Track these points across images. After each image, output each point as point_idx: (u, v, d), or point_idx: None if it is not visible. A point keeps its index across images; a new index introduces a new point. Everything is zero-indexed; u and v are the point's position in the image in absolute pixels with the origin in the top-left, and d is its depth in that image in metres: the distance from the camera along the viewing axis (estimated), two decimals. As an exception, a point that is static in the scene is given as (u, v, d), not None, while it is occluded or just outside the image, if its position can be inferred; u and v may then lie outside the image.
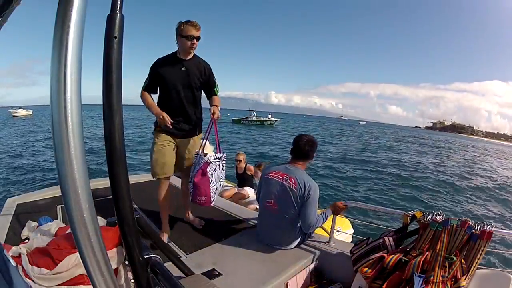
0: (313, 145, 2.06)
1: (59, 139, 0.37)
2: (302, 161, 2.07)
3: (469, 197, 9.50)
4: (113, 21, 0.48)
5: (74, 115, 0.37)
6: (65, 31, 0.36)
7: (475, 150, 38.89)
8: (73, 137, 0.38)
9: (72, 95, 0.37)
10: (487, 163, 21.37)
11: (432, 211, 1.58)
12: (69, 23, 0.36)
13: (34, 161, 10.41)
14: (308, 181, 1.95)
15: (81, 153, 0.39)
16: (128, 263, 0.72)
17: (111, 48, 0.49)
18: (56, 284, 1.14)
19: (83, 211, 0.40)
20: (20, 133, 20.45)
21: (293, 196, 1.94)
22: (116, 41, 0.49)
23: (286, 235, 2.00)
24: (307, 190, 1.92)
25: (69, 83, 0.37)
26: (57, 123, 0.37)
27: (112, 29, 0.48)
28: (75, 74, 0.37)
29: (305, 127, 48.95)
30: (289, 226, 1.98)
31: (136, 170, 8.92)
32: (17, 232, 2.13)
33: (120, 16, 0.49)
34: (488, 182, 12.73)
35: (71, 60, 0.37)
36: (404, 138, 45.51)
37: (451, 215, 1.62)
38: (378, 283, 1.51)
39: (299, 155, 2.06)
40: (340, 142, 26.89)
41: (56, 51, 0.36)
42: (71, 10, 0.36)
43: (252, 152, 15.44)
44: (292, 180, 1.96)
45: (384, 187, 9.81)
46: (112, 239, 1.17)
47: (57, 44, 0.36)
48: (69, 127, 0.37)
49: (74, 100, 0.37)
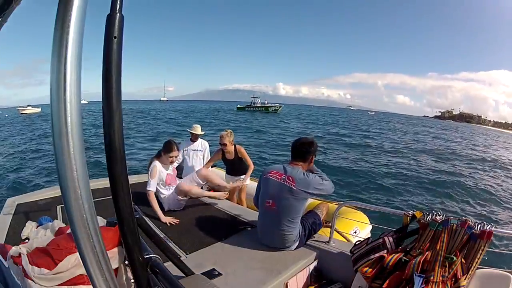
0: (310, 145, 2.08)
1: (59, 139, 0.37)
2: (301, 161, 2.08)
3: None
4: (113, 21, 0.48)
5: (74, 115, 0.38)
6: (65, 31, 0.36)
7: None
8: (73, 137, 0.38)
9: (72, 95, 0.37)
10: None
11: (432, 211, 1.58)
12: (69, 23, 0.36)
13: (34, 161, 10.41)
14: (307, 179, 1.96)
15: (81, 153, 0.39)
16: (128, 263, 0.72)
17: (111, 48, 0.49)
18: (56, 284, 1.14)
19: (83, 211, 0.40)
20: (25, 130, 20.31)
21: (292, 194, 1.93)
22: (116, 41, 0.49)
23: (286, 235, 1.99)
24: (307, 187, 1.93)
25: (69, 83, 0.37)
26: (57, 123, 0.37)
27: (112, 29, 0.48)
28: (75, 74, 0.37)
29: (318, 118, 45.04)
30: (288, 226, 1.98)
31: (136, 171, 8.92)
32: (17, 232, 2.13)
33: (120, 16, 0.49)
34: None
35: (71, 60, 0.37)
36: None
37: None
38: (378, 283, 1.51)
39: (297, 156, 2.08)
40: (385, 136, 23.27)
41: (56, 51, 0.37)
42: (71, 10, 0.36)
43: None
44: (290, 179, 1.96)
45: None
46: (112, 239, 1.17)
47: (57, 44, 0.36)
48: (69, 127, 0.37)
49: (74, 100, 0.38)
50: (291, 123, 30.83)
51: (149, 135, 16.76)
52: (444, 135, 31.67)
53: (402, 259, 1.49)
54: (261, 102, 50.37)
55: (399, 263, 1.49)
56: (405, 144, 18.13)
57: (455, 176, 9.89)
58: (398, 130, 31.49)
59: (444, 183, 8.73)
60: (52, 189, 3.27)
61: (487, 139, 34.57)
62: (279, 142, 15.37)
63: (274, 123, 28.29)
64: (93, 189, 0.45)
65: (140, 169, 7.08)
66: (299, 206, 1.97)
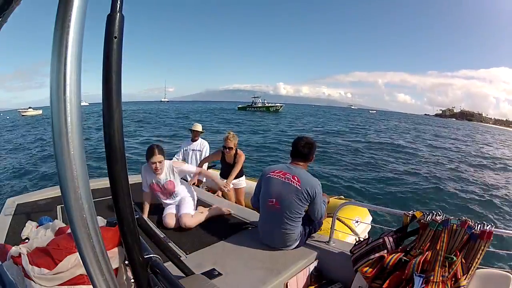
0: (312, 146, 2.08)
1: (59, 139, 0.37)
2: (302, 161, 2.08)
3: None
4: (113, 21, 0.48)
5: (74, 115, 0.38)
6: (65, 31, 0.36)
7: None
8: (73, 137, 0.38)
9: (72, 95, 0.37)
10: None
11: (432, 211, 1.58)
12: (69, 23, 0.36)
13: (34, 161, 10.41)
14: (311, 179, 1.98)
15: (80, 153, 0.39)
16: (128, 263, 0.72)
17: (111, 48, 0.49)
18: (56, 284, 1.14)
19: (83, 211, 0.40)
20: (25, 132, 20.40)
21: (297, 194, 1.94)
22: (116, 41, 0.49)
23: (288, 234, 2.00)
24: (312, 188, 1.94)
25: (69, 83, 0.37)
26: (57, 123, 0.37)
27: (112, 29, 0.48)
28: (75, 74, 0.37)
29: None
30: (291, 225, 1.98)
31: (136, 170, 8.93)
32: (17, 232, 2.13)
33: (120, 16, 0.49)
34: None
35: (71, 60, 0.37)
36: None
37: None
38: (378, 283, 1.51)
39: (298, 156, 2.08)
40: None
41: (56, 51, 0.37)
42: (71, 10, 0.36)
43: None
44: (295, 178, 1.96)
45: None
46: (112, 239, 1.17)
47: (57, 44, 0.37)
48: (69, 127, 0.37)
49: (74, 100, 0.38)
50: (293, 122, 31.05)
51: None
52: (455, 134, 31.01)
53: (402, 259, 1.49)
54: (261, 102, 50.73)
55: (399, 263, 1.49)
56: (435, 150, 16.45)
57: (459, 176, 9.85)
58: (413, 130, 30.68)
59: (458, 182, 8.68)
60: (52, 189, 3.27)
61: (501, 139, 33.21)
62: (280, 140, 15.40)
63: (275, 122, 28.58)
64: (93, 189, 0.45)
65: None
66: (302, 205, 1.97)
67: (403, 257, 1.49)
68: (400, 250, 1.58)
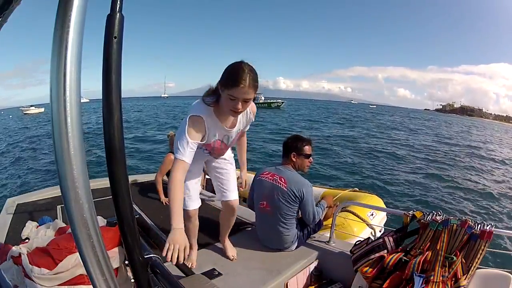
0: (296, 139, 2.05)
1: (59, 138, 0.37)
2: (287, 160, 2.05)
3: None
4: (113, 21, 0.48)
5: (74, 115, 0.38)
6: (65, 31, 0.36)
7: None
8: (73, 136, 0.38)
9: (72, 95, 0.37)
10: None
11: (432, 211, 1.58)
12: (69, 23, 0.36)
13: (34, 161, 10.41)
14: (299, 180, 1.94)
15: (80, 153, 0.39)
16: (128, 263, 0.72)
17: (111, 48, 0.49)
18: (56, 284, 1.14)
19: (83, 211, 0.40)
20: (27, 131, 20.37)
21: (283, 195, 1.92)
22: (116, 41, 0.49)
23: (282, 236, 1.98)
24: (299, 189, 1.91)
25: (68, 83, 0.37)
26: (57, 123, 0.37)
27: (112, 29, 0.49)
28: (75, 74, 0.37)
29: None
30: (284, 226, 1.96)
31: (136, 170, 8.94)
32: (17, 232, 2.13)
33: (120, 16, 0.49)
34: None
35: (71, 60, 0.37)
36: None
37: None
38: (378, 283, 1.51)
39: (284, 154, 2.07)
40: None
41: (56, 51, 0.36)
42: (71, 10, 0.36)
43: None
44: (282, 180, 1.95)
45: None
46: (112, 239, 1.18)
47: (57, 44, 0.36)
48: (69, 127, 0.37)
49: (74, 100, 0.38)
50: (296, 117, 31.05)
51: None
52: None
53: (402, 259, 1.49)
54: (263, 99, 51.20)
55: (399, 263, 1.49)
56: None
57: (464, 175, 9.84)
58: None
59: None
60: (52, 189, 3.26)
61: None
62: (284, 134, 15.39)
63: (280, 117, 28.52)
64: (93, 189, 0.45)
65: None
66: (291, 206, 1.95)
67: (403, 257, 1.49)
68: (400, 250, 1.58)
